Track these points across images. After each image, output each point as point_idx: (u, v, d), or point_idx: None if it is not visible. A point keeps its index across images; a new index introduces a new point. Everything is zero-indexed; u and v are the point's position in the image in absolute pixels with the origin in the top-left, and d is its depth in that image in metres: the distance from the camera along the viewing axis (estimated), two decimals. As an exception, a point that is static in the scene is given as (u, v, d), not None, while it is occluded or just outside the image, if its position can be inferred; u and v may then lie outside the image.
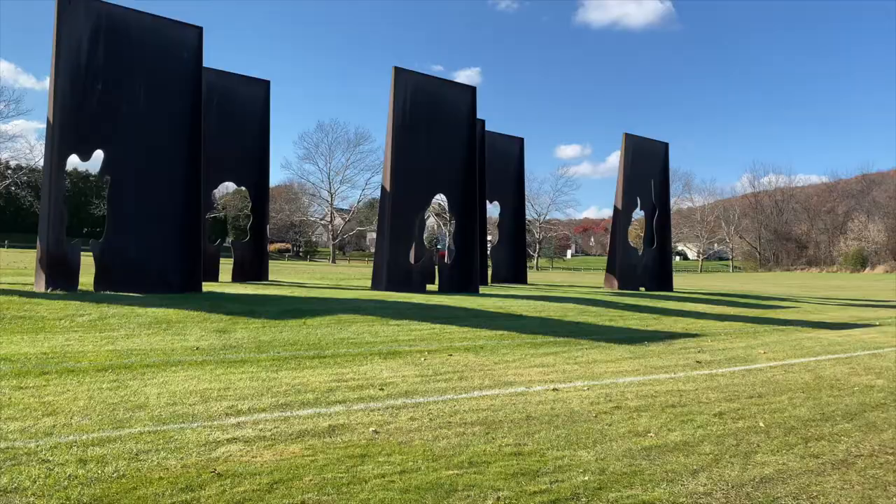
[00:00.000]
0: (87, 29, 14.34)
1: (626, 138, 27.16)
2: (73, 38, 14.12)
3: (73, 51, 14.13)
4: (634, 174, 27.23)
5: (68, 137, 14.12)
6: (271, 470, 4.57)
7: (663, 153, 28.65)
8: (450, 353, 9.94)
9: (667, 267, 28.66)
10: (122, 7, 14.93)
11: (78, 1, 14.24)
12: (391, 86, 19.55)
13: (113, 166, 14.73)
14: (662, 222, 28.47)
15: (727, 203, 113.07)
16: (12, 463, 4.45)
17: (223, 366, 8.13)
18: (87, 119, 14.36)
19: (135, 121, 14.91)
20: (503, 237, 29.84)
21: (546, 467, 4.93)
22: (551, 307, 16.67)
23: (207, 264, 19.52)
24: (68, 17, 14.05)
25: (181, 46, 15.67)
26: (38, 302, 11.75)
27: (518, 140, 30.33)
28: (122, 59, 14.77)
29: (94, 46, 14.42)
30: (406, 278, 19.66)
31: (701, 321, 15.96)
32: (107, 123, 14.59)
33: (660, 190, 28.43)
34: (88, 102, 14.37)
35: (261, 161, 22.45)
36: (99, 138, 14.56)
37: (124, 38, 14.83)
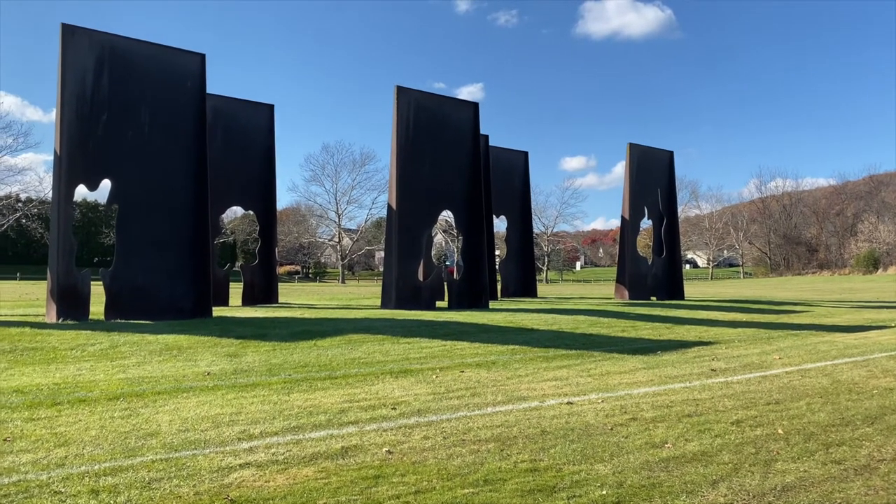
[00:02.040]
0: (92, 60, 14.50)
1: (631, 148, 27.15)
2: (77, 70, 14.28)
3: (77, 82, 14.28)
4: (640, 184, 27.18)
5: (76, 168, 14.23)
6: (284, 494, 4.52)
7: (668, 162, 28.61)
8: (461, 369, 9.87)
9: (677, 275, 28.52)
10: (124, 37, 15.10)
11: (81, 33, 14.41)
12: (394, 105, 19.64)
13: (120, 195, 14.82)
14: (671, 231, 28.37)
15: (735, 209, 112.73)
16: (25, 496, 4.42)
17: (234, 390, 8.10)
18: (93, 149, 14.48)
19: (141, 149, 15.01)
20: (511, 251, 29.80)
21: (563, 482, 4.86)
22: (562, 320, 16.58)
23: (217, 289, 19.57)
24: (72, 49, 14.21)
25: (184, 74, 15.81)
26: (49, 332, 11.78)
27: (522, 154, 30.38)
28: (126, 89, 14.91)
29: (99, 77, 14.57)
30: (415, 296, 19.62)
31: (714, 329, 15.83)
32: (113, 153, 14.70)
33: (667, 198, 28.35)
34: (94, 132, 14.50)
35: (267, 184, 22.54)
36: (106, 168, 14.66)
37: (128, 68, 14.97)
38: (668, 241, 28.27)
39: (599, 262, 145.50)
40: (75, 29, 14.34)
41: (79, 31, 14.38)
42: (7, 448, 5.51)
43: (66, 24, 14.19)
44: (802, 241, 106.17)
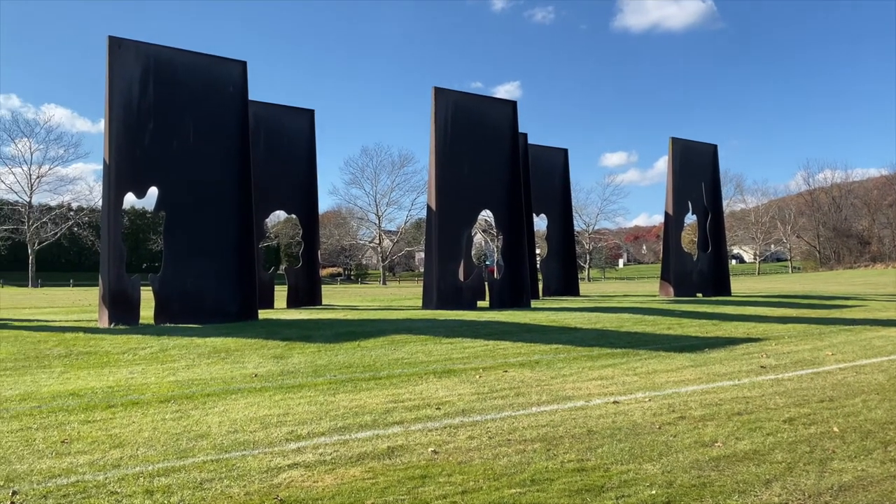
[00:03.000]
0: (137, 71, 14.87)
1: (673, 142, 26.73)
2: (124, 81, 14.65)
3: (124, 93, 14.66)
4: (684, 178, 26.74)
5: (124, 176, 14.60)
6: (333, 494, 4.56)
7: (712, 155, 28.08)
8: (505, 369, 9.84)
9: (723, 271, 27.98)
10: (168, 47, 15.44)
11: (127, 45, 14.78)
12: (432, 106, 19.68)
13: (167, 202, 15.16)
14: (716, 226, 27.85)
15: (782, 202, 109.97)
16: (83, 496, 4.55)
17: (281, 391, 8.21)
18: (140, 157, 14.84)
19: (186, 156, 15.34)
20: (552, 250, 29.59)
21: (611, 482, 4.81)
22: (606, 318, 16.40)
23: (262, 292, 19.87)
24: (119, 61, 14.59)
25: (227, 82, 16.10)
26: (102, 337, 12.11)
27: (562, 151, 30.14)
28: (171, 98, 15.24)
29: (144, 87, 14.93)
30: (456, 296, 19.63)
31: (763, 325, 15.48)
32: (160, 160, 15.05)
33: (711, 193, 27.84)
34: (141, 141, 14.86)
35: (309, 188, 22.81)
36: (153, 175, 15.02)
37: (172, 78, 15.31)
38: (713, 236, 27.75)
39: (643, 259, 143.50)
40: (122, 41, 14.72)
41: (125, 43, 14.76)
42: (65, 449, 5.68)
43: (112, 37, 14.57)
44: (853, 234, 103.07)
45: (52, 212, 72.02)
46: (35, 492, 4.63)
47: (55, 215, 71.88)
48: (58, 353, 10.66)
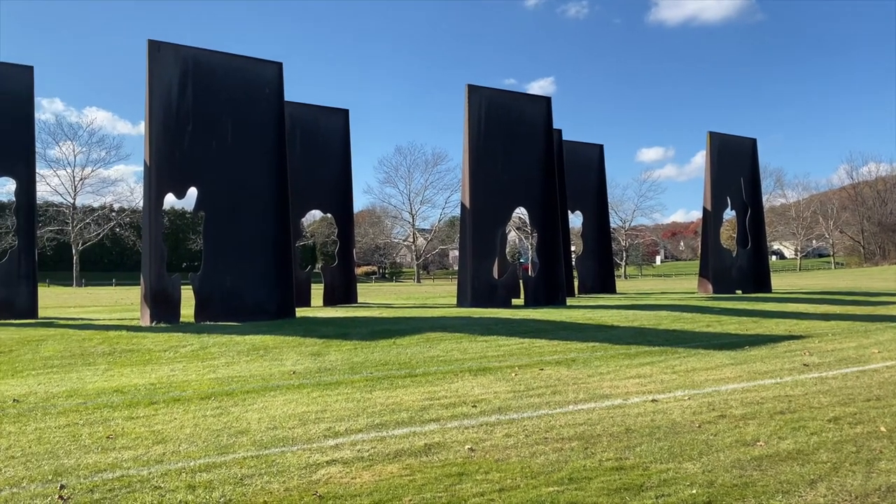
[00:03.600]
0: (176, 73, 15.13)
1: (711, 137, 26.29)
2: (163, 83, 14.93)
3: (163, 95, 14.93)
4: (722, 173, 26.30)
5: (164, 177, 14.88)
6: (371, 491, 4.59)
7: (751, 149, 27.57)
8: (541, 367, 9.80)
9: (763, 267, 27.45)
10: (206, 50, 15.68)
11: (166, 48, 15.06)
12: (465, 104, 19.66)
13: (206, 202, 15.41)
14: (755, 221, 27.34)
15: (824, 197, 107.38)
16: (127, 490, 4.65)
17: (319, 388, 8.30)
18: (180, 159, 15.11)
19: (224, 157, 15.57)
20: (588, 247, 29.35)
21: (650, 481, 4.75)
22: (643, 316, 16.22)
23: (299, 290, 20.08)
24: (158, 63, 14.87)
25: (263, 83, 16.29)
26: (144, 335, 12.38)
27: (597, 147, 29.87)
28: (209, 100, 15.48)
29: (183, 89, 15.19)
30: (491, 294, 19.59)
31: (805, 322, 15.15)
32: (198, 162, 15.30)
33: (750, 188, 27.34)
34: (180, 143, 15.12)
35: (344, 188, 22.98)
36: (192, 176, 15.28)
37: (210, 80, 15.55)
38: (752, 231, 27.25)
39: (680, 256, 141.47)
40: (161, 44, 15.00)
41: (164, 47, 15.03)
42: (110, 445, 5.82)
43: (152, 41, 14.85)
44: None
45: (95, 213, 73.82)
46: (82, 486, 4.75)
47: (98, 216, 73.67)
48: (102, 351, 10.92)
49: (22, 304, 16.17)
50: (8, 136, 15.93)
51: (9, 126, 15.94)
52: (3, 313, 15.81)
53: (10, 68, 16.15)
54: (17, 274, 16.22)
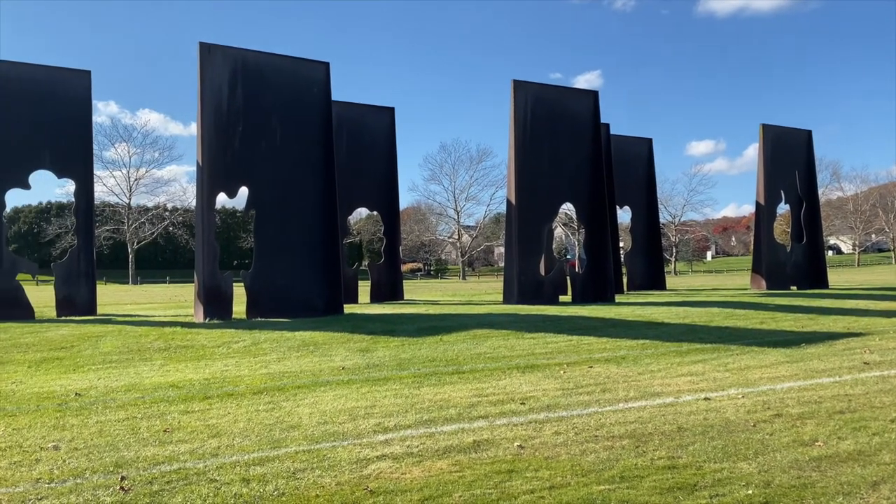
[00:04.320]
0: (227, 75, 15.44)
1: (764, 129, 25.64)
2: (214, 85, 15.25)
3: (214, 96, 15.25)
4: (776, 167, 25.63)
5: (216, 177, 15.21)
6: (421, 486, 4.61)
7: (806, 142, 26.80)
8: (590, 364, 9.70)
9: (819, 263, 26.67)
10: (255, 51, 15.96)
11: (217, 50, 15.37)
12: (511, 99, 19.58)
13: (257, 201, 15.70)
14: (811, 215, 26.57)
15: (883, 189, 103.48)
16: (184, 483, 4.77)
17: (368, 384, 8.38)
18: (231, 159, 15.42)
19: (274, 156, 15.83)
20: (637, 243, 28.95)
21: (704, 481, 4.66)
22: (694, 313, 15.92)
23: (347, 287, 20.30)
24: (209, 65, 15.19)
25: (310, 83, 16.50)
26: (198, 331, 12.68)
27: (646, 141, 29.41)
28: (258, 100, 15.76)
29: (234, 90, 15.49)
30: (537, 290, 19.48)
31: (864, 319, 14.65)
32: (249, 161, 15.59)
33: (805, 181, 26.58)
34: (231, 143, 15.43)
35: (390, 185, 23.14)
36: (243, 175, 15.58)
37: (259, 80, 15.82)
38: (808, 226, 26.50)
39: (732, 252, 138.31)
40: (211, 46, 15.32)
41: (214, 49, 15.35)
42: (167, 438, 5.98)
43: (203, 43, 15.18)
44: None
45: (149, 212, 75.98)
46: (141, 477, 4.89)
47: (152, 216, 75.79)
48: (158, 347, 11.23)
49: (82, 301, 16.73)
50: (68, 139, 16.49)
51: (69, 129, 16.49)
52: (65, 310, 16.39)
53: (69, 73, 16.70)
54: (77, 272, 16.79)
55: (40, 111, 16.13)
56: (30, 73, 16.18)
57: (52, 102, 16.31)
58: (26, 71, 16.15)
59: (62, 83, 16.49)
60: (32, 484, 4.77)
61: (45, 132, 16.19)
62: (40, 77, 16.26)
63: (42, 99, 16.18)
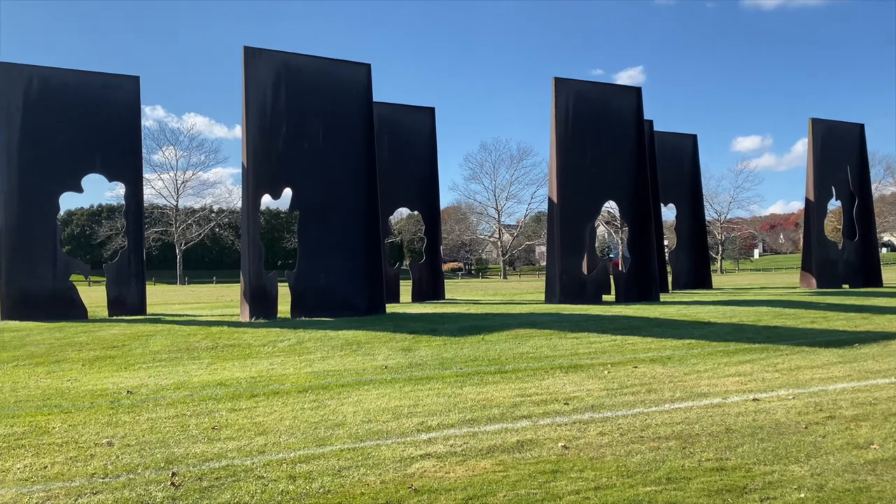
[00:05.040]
0: (271, 78, 15.67)
1: (814, 124, 24.98)
2: (258, 88, 15.49)
3: (259, 99, 15.50)
4: (826, 162, 24.94)
5: (261, 179, 15.45)
6: (465, 486, 4.62)
7: (858, 136, 26.02)
8: (634, 364, 9.58)
9: (873, 260, 25.87)
10: (298, 54, 16.16)
11: (261, 54, 15.62)
12: (552, 97, 19.45)
13: (300, 202, 15.90)
14: (864, 211, 25.78)
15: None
16: (233, 479, 4.86)
17: (410, 383, 8.41)
18: (275, 160, 15.65)
19: (317, 158, 16.01)
20: (682, 241, 28.49)
21: (754, 483, 4.56)
22: (742, 312, 15.59)
23: (389, 287, 20.43)
24: (253, 69, 15.44)
25: (352, 84, 16.64)
26: (244, 330, 12.90)
27: (690, 137, 28.93)
28: (301, 102, 15.96)
29: (277, 93, 15.72)
30: (580, 290, 19.32)
31: (922, 318, 14.15)
32: (292, 163, 15.80)
33: (857, 176, 25.81)
34: (275, 145, 15.66)
35: (431, 185, 23.21)
36: (287, 177, 15.80)
37: (302, 83, 16.02)
38: (860, 222, 25.71)
39: (780, 249, 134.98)
40: (256, 50, 15.57)
41: (259, 52, 15.59)
42: (215, 436, 6.10)
43: (247, 47, 15.44)
44: None
45: (196, 214, 77.65)
46: (191, 473, 5.00)
47: (199, 217, 77.44)
48: (205, 346, 11.46)
49: (132, 301, 17.17)
50: (118, 143, 16.93)
51: (119, 134, 16.94)
52: (116, 310, 16.84)
53: (119, 79, 17.15)
54: (128, 273, 17.24)
55: (92, 116, 16.59)
56: (82, 79, 16.66)
57: (103, 108, 16.77)
58: (78, 78, 16.64)
59: (112, 89, 16.94)
60: (88, 479, 4.92)
61: (96, 137, 16.64)
62: (92, 83, 16.74)
63: (94, 104, 16.64)
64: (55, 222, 16.27)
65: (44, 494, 4.60)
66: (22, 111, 15.80)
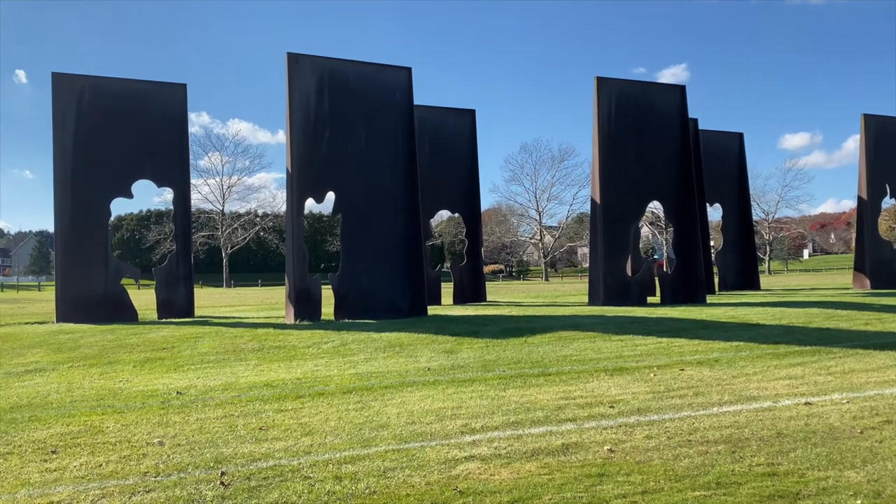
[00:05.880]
0: (314, 83, 15.87)
1: (866, 120, 24.26)
2: (302, 93, 15.71)
3: (302, 104, 15.72)
4: (880, 158, 24.19)
5: (305, 183, 15.66)
6: (510, 488, 4.60)
7: (914, 131, 25.14)
8: (681, 367, 9.42)
9: (930, 260, 24.95)
10: (340, 59, 16.35)
11: (304, 59, 15.83)
12: (594, 97, 19.27)
13: (343, 205, 16.07)
14: (920, 209, 24.89)
15: None
16: (280, 479, 4.93)
17: (453, 385, 8.42)
18: (318, 165, 15.84)
19: (359, 162, 16.17)
20: (728, 241, 27.94)
21: (807, 489, 4.44)
22: (792, 313, 15.21)
23: (430, 289, 20.47)
24: (297, 74, 15.66)
25: (393, 88, 16.75)
26: (289, 332, 13.08)
27: (736, 135, 28.36)
28: (343, 107, 16.13)
29: (320, 98, 15.92)
30: (624, 291, 19.08)
31: (984, 320, 13.61)
32: (335, 167, 15.98)
33: (913, 173, 24.94)
34: (319, 149, 15.85)
35: (471, 187, 23.19)
36: (330, 181, 15.98)
37: (344, 87, 16.19)
38: (917, 221, 24.84)
39: (831, 249, 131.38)
40: (299, 56, 15.79)
41: (302, 58, 15.82)
42: (263, 436, 6.19)
43: (290, 53, 15.67)
44: None
45: (241, 218, 79.13)
46: (240, 473, 5.08)
47: (244, 221, 78.90)
48: (252, 347, 11.66)
49: (181, 303, 17.55)
50: (167, 150, 17.34)
51: (167, 140, 17.34)
52: (165, 312, 17.24)
53: (167, 87, 17.57)
54: (176, 276, 17.63)
55: (141, 124, 17.02)
56: (131, 88, 17.11)
57: (152, 115, 17.18)
58: (128, 86, 17.08)
59: (160, 96, 17.35)
60: (141, 477, 5.05)
61: (145, 144, 17.06)
62: (140, 92, 17.17)
63: (143, 112, 17.07)
64: (107, 228, 16.74)
65: (99, 492, 4.73)
66: (75, 120, 16.30)
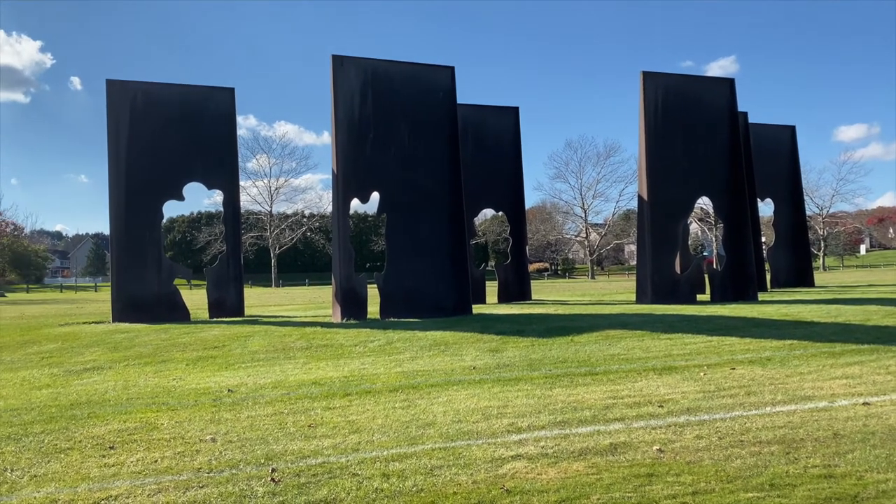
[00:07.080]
0: (358, 85, 16.04)
1: (926, 109, 23.33)
2: (346, 95, 15.89)
3: (347, 105, 15.89)
4: (941, 149, 23.24)
5: (350, 183, 15.83)
6: (558, 488, 4.57)
7: (978, 120, 24.11)
8: (732, 366, 9.23)
9: None
10: (383, 60, 16.48)
11: (349, 61, 16.01)
12: (640, 91, 19.01)
13: (388, 205, 16.20)
14: None
15: None
16: (329, 476, 5.00)
17: (499, 384, 8.41)
18: (363, 165, 16.00)
19: (403, 161, 16.27)
20: (780, 237, 27.24)
21: (866, 492, 4.31)
22: (848, 311, 14.75)
23: (475, 288, 20.48)
24: (342, 76, 15.85)
25: (436, 88, 16.81)
26: (336, 331, 13.24)
27: (788, 129, 27.64)
28: (387, 107, 16.25)
29: (364, 99, 16.07)
30: (673, 289, 18.77)
31: None
32: (380, 167, 16.11)
33: (978, 164, 23.92)
34: (363, 150, 16.01)
35: (515, 185, 23.12)
36: (374, 181, 16.12)
37: (388, 88, 16.32)
38: (982, 214, 23.83)
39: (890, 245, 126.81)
40: (343, 59, 15.97)
41: (346, 60, 15.99)
42: (311, 433, 6.29)
43: (335, 56, 15.86)
44: None
45: (289, 219, 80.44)
46: (290, 470, 5.17)
47: (291, 222, 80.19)
48: (300, 346, 11.84)
49: (231, 303, 17.93)
50: (217, 153, 17.73)
51: (216, 143, 17.73)
52: (216, 312, 17.63)
53: (216, 91, 17.96)
54: (227, 276, 18.01)
55: (191, 128, 17.44)
56: (181, 93, 17.54)
57: (202, 119, 17.59)
58: (178, 91, 17.53)
59: (209, 101, 17.75)
60: (194, 473, 5.18)
61: (196, 147, 17.48)
62: (190, 96, 17.60)
63: (193, 116, 17.49)
64: (159, 229, 17.19)
65: (155, 487, 4.87)
66: (128, 125, 16.78)
